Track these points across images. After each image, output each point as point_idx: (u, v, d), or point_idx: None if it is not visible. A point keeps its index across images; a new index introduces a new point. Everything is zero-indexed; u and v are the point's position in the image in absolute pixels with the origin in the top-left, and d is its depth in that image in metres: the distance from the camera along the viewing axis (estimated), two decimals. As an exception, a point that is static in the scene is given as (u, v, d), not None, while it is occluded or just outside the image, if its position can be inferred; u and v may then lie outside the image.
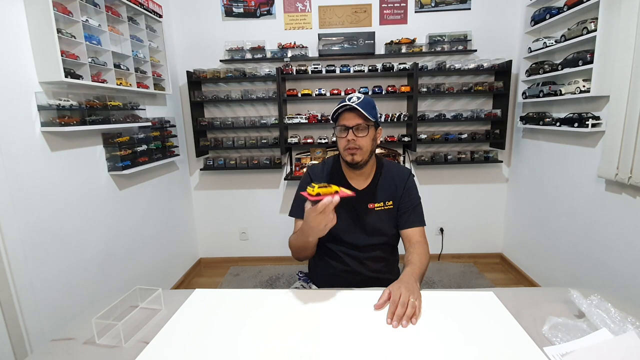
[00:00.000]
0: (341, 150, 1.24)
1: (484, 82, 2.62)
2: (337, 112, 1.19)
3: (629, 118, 1.60)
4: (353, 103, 1.15)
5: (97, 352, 0.82)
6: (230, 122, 2.66)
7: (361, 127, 1.18)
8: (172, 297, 1.05)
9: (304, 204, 1.31)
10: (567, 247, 2.15)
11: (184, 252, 2.85)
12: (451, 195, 2.92)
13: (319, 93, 2.60)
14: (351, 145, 1.19)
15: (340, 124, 1.19)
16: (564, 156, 2.16)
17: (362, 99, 1.18)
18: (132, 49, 1.99)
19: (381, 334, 0.84)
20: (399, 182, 1.30)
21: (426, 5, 2.63)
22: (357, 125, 1.17)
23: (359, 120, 1.17)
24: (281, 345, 0.82)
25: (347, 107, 1.16)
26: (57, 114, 1.53)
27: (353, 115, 1.17)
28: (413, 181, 1.34)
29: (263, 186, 2.95)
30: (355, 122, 1.17)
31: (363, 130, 1.18)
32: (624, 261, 1.73)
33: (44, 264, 1.50)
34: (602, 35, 1.71)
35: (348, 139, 1.18)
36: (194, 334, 0.87)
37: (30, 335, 1.42)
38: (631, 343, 0.74)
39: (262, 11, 2.67)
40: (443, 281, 2.67)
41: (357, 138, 1.18)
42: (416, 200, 1.31)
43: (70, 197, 1.66)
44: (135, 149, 2.04)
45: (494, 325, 0.87)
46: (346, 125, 1.18)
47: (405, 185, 1.30)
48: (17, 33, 1.42)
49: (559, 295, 0.99)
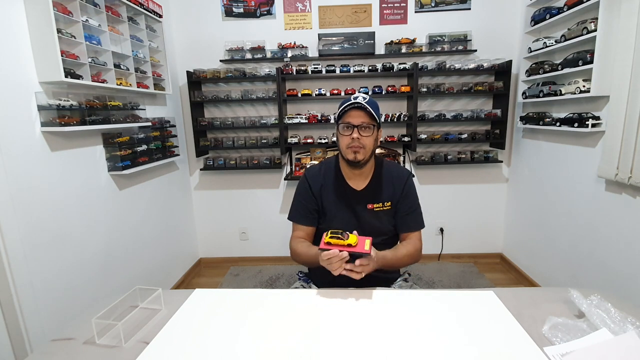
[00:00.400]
0: (343, 148, 1.23)
1: (484, 82, 2.62)
2: (344, 110, 1.19)
3: (629, 118, 1.60)
4: (358, 101, 1.16)
5: (97, 352, 0.82)
6: (230, 122, 2.66)
7: (366, 126, 1.18)
8: (172, 297, 1.05)
9: (302, 208, 1.32)
10: (567, 247, 2.15)
11: (184, 252, 2.85)
12: (451, 195, 2.92)
13: (319, 93, 2.60)
14: (355, 143, 1.18)
15: (346, 121, 1.19)
16: (564, 156, 2.16)
17: (368, 99, 1.19)
18: (132, 49, 1.99)
19: (381, 334, 0.84)
20: (398, 184, 1.30)
21: (426, 5, 2.62)
22: (363, 124, 1.17)
23: (365, 119, 1.18)
24: (281, 345, 0.82)
25: (354, 105, 1.16)
26: (57, 114, 1.53)
27: (360, 114, 1.18)
28: (412, 182, 1.33)
29: (263, 186, 2.95)
30: (361, 120, 1.17)
31: (368, 129, 1.19)
32: (624, 261, 1.73)
33: (44, 264, 1.50)
34: (602, 35, 1.71)
35: (353, 137, 1.18)
36: (194, 334, 0.87)
37: (30, 335, 1.42)
38: (631, 343, 0.74)
39: (262, 11, 2.67)
40: (443, 281, 2.67)
41: (362, 137, 1.18)
42: (415, 204, 1.31)
43: (70, 197, 1.66)
44: (135, 149, 2.04)
45: (494, 325, 0.87)
46: (352, 123, 1.18)
47: (404, 187, 1.30)
48: (17, 33, 1.42)
49: (559, 295, 0.99)
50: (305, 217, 1.32)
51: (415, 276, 2.71)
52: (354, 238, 0.99)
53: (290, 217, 1.35)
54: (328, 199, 1.30)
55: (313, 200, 1.31)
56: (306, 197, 1.32)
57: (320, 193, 1.31)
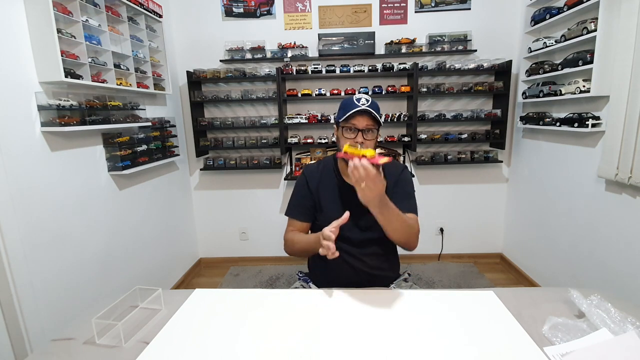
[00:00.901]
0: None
1: (484, 82, 2.62)
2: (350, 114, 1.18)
3: (629, 118, 1.60)
4: (364, 106, 1.15)
5: (97, 352, 0.82)
6: (230, 122, 2.66)
7: (370, 129, 1.18)
8: (172, 297, 1.05)
9: (298, 204, 1.32)
10: (567, 247, 2.15)
11: (184, 252, 2.85)
12: (451, 195, 2.92)
13: (319, 93, 2.60)
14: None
15: (351, 123, 1.19)
16: (564, 156, 2.16)
17: (370, 101, 1.19)
18: (132, 49, 1.99)
19: (381, 334, 0.84)
20: (392, 178, 1.28)
21: (426, 5, 2.62)
22: (367, 127, 1.18)
23: (369, 122, 1.18)
24: (281, 345, 0.82)
25: (360, 110, 1.16)
26: (57, 114, 1.53)
27: (365, 118, 1.17)
28: (407, 174, 1.32)
29: (263, 186, 2.95)
30: (365, 123, 1.17)
31: (371, 132, 1.19)
32: (624, 261, 1.73)
33: (44, 264, 1.50)
34: (602, 35, 1.71)
35: (357, 141, 1.18)
36: (194, 334, 0.87)
37: (30, 335, 1.42)
38: (631, 343, 0.74)
39: (262, 11, 2.67)
40: (443, 281, 2.67)
41: (366, 140, 1.18)
42: (410, 192, 1.29)
43: (70, 197, 1.66)
44: (135, 149, 2.04)
45: (494, 325, 0.87)
46: (357, 127, 1.18)
47: (398, 178, 1.29)
48: (17, 33, 1.42)
49: (559, 295, 0.99)
50: (302, 213, 1.33)
51: (415, 276, 2.72)
52: (372, 152, 0.96)
53: (287, 213, 1.36)
54: (325, 197, 1.30)
55: (310, 196, 1.32)
56: (303, 194, 1.33)
57: (318, 190, 1.31)
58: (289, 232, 1.33)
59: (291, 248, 1.28)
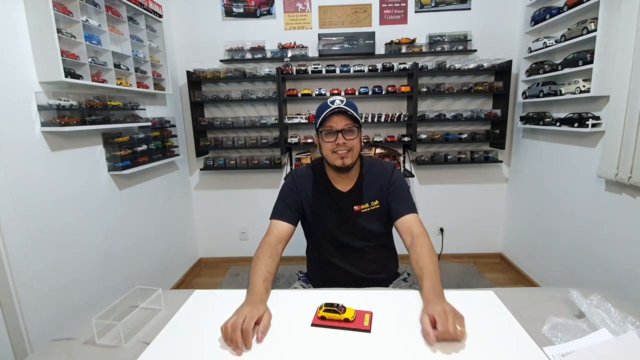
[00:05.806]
0: (328, 154, 1.19)
1: (484, 82, 2.62)
2: (324, 117, 1.15)
3: (629, 118, 1.60)
4: (338, 106, 1.13)
5: (97, 352, 0.82)
6: (230, 122, 2.66)
7: (350, 129, 1.16)
8: (172, 297, 1.05)
9: (283, 205, 1.28)
10: (567, 247, 2.15)
11: (184, 252, 2.85)
12: (451, 195, 2.92)
13: (319, 93, 2.60)
14: (341, 148, 1.15)
15: (328, 126, 1.15)
16: (564, 156, 2.16)
17: (345, 101, 1.16)
18: (132, 49, 1.99)
19: (381, 334, 0.84)
20: (384, 180, 1.26)
21: (426, 5, 2.62)
22: (346, 127, 1.15)
23: (348, 122, 1.15)
24: (281, 345, 0.82)
25: (334, 110, 1.13)
26: (57, 114, 1.53)
27: (341, 118, 1.15)
28: (398, 173, 1.29)
29: (263, 186, 2.95)
30: (344, 123, 1.15)
31: (352, 132, 1.16)
32: (624, 261, 1.73)
33: (44, 264, 1.50)
34: (602, 35, 1.71)
35: (338, 142, 1.15)
36: (195, 334, 0.87)
37: (30, 335, 1.42)
38: (631, 343, 0.74)
39: (262, 11, 2.67)
40: (443, 281, 2.61)
41: (348, 141, 1.15)
42: (404, 189, 1.26)
43: (70, 197, 1.66)
44: (135, 148, 2.04)
45: (494, 325, 0.87)
46: (335, 128, 1.15)
47: (390, 179, 1.26)
48: (17, 33, 1.42)
49: (559, 295, 0.99)
50: (285, 213, 1.26)
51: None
52: (351, 312, 0.88)
53: (271, 216, 1.28)
54: (316, 202, 1.27)
55: (296, 198, 1.28)
56: (289, 196, 1.28)
57: (307, 194, 1.28)
58: (263, 243, 1.22)
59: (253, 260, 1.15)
